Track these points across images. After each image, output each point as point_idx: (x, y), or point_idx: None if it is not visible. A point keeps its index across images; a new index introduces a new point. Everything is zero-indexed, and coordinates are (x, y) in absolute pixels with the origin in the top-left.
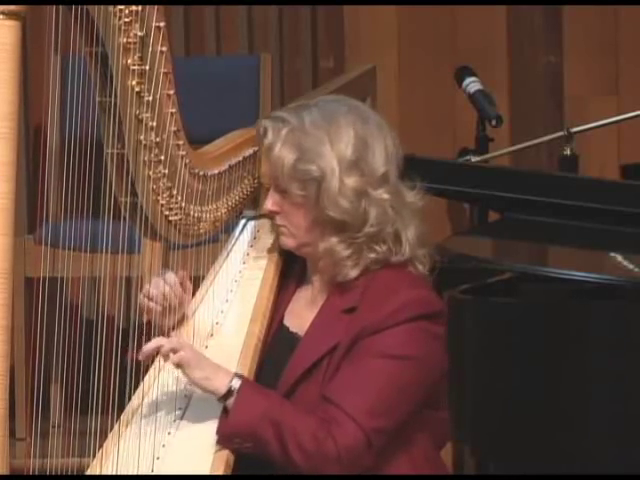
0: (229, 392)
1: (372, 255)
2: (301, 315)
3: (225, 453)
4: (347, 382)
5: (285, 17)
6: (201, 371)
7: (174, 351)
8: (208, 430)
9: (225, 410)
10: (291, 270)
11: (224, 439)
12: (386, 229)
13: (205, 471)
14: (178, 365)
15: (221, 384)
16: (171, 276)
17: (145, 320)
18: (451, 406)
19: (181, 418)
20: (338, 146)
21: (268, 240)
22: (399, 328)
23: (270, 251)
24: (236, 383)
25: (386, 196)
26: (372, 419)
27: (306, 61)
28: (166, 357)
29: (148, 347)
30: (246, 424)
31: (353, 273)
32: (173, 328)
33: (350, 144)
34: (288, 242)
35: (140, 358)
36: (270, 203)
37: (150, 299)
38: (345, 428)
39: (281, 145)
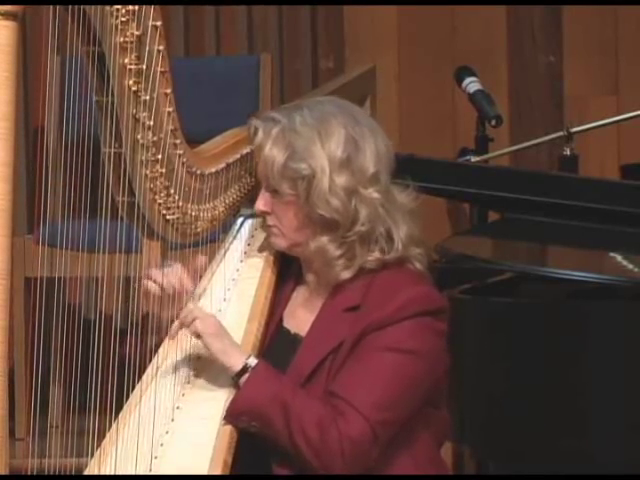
0: (244, 369)
1: (365, 255)
2: (299, 315)
3: (223, 454)
4: (353, 376)
5: (285, 17)
6: (221, 344)
7: (196, 319)
8: (206, 429)
9: (238, 388)
10: (289, 270)
11: (232, 416)
12: (377, 228)
13: (203, 471)
14: (198, 335)
15: (237, 361)
16: (178, 268)
17: (143, 314)
18: (451, 406)
19: (179, 417)
20: (329, 145)
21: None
22: (404, 323)
23: (268, 249)
24: (252, 361)
25: (376, 195)
26: (378, 412)
27: (306, 61)
28: (189, 325)
29: (175, 326)
30: (255, 402)
31: (346, 274)
32: (172, 321)
33: (341, 143)
34: (279, 242)
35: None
36: (261, 203)
37: (153, 281)
38: (351, 421)
39: (271, 144)
